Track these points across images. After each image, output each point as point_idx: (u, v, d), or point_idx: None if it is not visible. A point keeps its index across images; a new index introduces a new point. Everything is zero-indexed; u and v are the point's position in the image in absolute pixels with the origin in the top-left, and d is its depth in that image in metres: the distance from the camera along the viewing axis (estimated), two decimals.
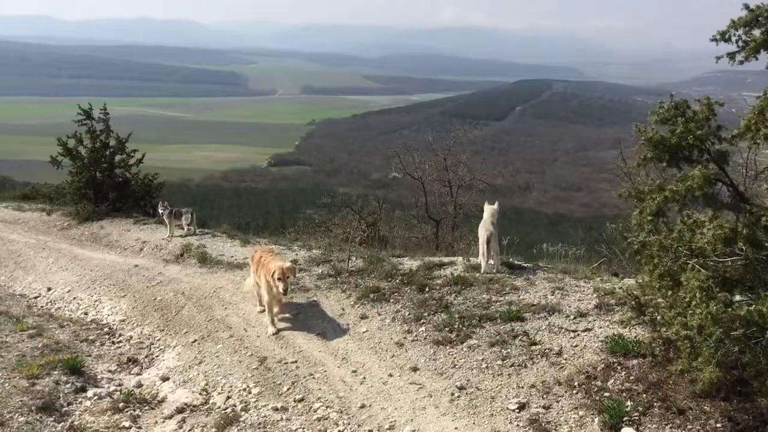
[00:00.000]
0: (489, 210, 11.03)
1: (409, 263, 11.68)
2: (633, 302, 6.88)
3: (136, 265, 14.31)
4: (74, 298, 13.03)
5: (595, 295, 9.08)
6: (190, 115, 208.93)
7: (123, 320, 11.59)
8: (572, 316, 8.40)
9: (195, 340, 9.96)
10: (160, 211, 16.40)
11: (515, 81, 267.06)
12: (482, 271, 10.57)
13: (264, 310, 10.06)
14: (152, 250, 15.52)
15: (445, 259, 11.68)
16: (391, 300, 9.94)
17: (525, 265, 11.01)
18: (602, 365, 6.92)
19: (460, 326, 8.55)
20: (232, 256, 13.92)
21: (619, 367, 6.82)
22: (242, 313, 10.59)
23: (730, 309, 5.33)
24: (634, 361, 6.87)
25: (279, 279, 9.15)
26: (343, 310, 9.92)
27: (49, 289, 13.68)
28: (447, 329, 8.57)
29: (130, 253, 15.66)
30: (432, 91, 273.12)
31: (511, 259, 11.25)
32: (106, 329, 11.23)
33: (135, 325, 11.30)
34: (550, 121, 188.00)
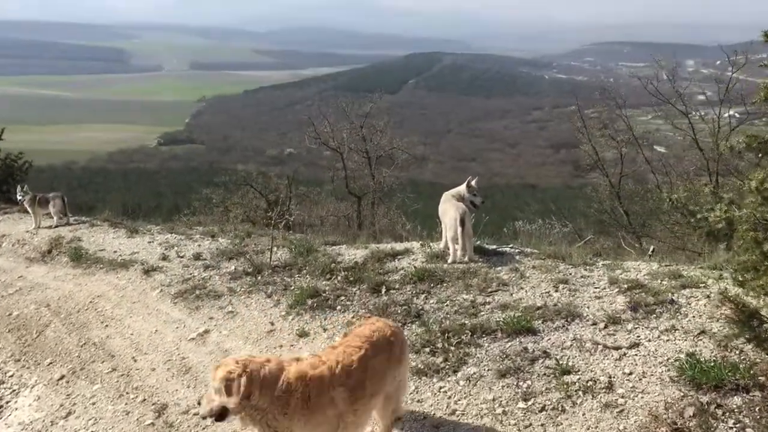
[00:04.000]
0: (460, 187, 8.61)
1: (351, 253, 9.10)
2: (737, 311, 4.58)
3: None
4: None
5: (615, 289, 6.79)
6: (70, 94, 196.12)
7: None
8: (602, 324, 6.05)
9: (63, 377, 7.09)
10: (19, 198, 13.50)
11: (407, 54, 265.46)
12: (450, 261, 8.12)
13: None
14: (12, 246, 12.46)
15: (398, 246, 9.12)
16: (338, 307, 7.35)
17: (502, 249, 8.61)
18: (690, 408, 4.55)
19: (446, 345, 6.05)
20: (116, 251, 11.02)
21: (719, 411, 4.49)
22: (129, 333, 7.73)
23: None
24: (737, 399, 4.56)
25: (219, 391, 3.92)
26: (273, 324, 7.23)
27: None
28: (427, 350, 6.05)
29: None
30: (324, 65, 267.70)
31: (480, 243, 8.83)
32: None
33: None
34: (442, 94, 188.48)
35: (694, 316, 5.97)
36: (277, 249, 9.63)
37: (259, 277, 8.58)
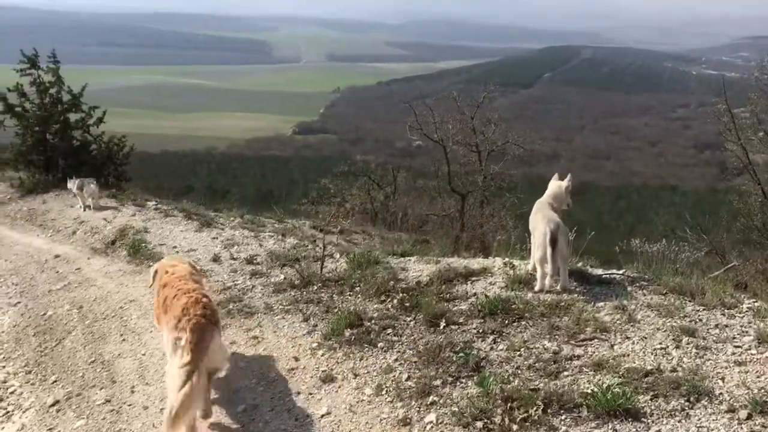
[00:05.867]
0: (554, 187, 6.73)
1: (417, 268, 7.42)
2: None
3: (57, 256, 10.76)
4: None
5: (765, 351, 4.78)
6: (213, 83, 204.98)
7: None
8: (743, 412, 4.02)
9: (56, 402, 5.93)
10: (69, 186, 13.60)
11: (542, 47, 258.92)
12: (537, 289, 6.24)
13: None
14: (85, 234, 11.94)
15: (475, 264, 7.21)
16: (380, 343, 5.71)
17: (609, 275, 6.61)
18: None
19: (506, 420, 4.28)
20: (175, 247, 10.05)
21: None
22: (142, 353, 6.49)
23: None
24: None
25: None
26: (297, 360, 5.71)
27: None
28: (480, 425, 4.32)
29: (61, 237, 12.25)
30: (456, 58, 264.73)
31: (581, 265, 6.89)
32: None
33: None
34: (579, 88, 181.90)
35: None
36: (339, 257, 8.16)
37: (304, 293, 7.10)
